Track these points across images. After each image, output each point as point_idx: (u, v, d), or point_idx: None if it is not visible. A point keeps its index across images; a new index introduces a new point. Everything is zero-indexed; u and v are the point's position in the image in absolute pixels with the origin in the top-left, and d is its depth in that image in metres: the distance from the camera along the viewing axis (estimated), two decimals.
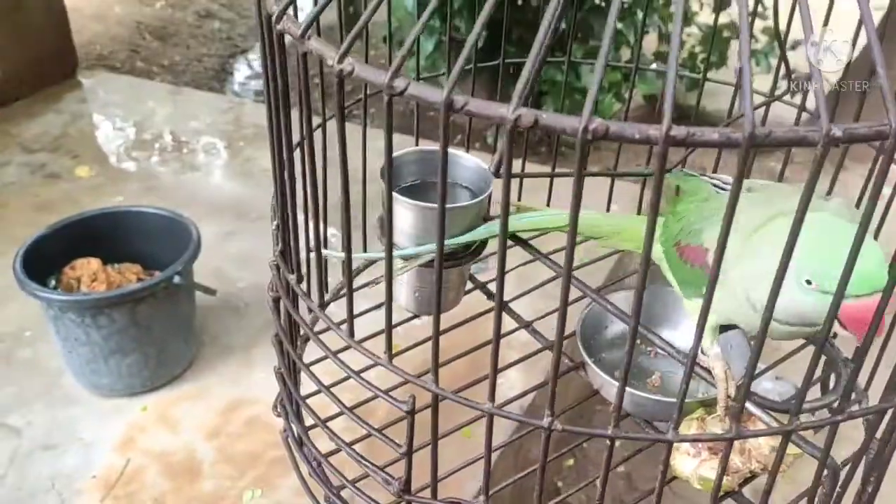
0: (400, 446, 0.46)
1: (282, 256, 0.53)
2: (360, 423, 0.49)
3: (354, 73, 0.36)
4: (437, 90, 0.34)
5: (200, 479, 1.33)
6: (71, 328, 1.38)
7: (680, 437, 0.42)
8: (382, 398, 0.46)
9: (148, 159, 2.33)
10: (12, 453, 1.36)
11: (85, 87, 2.70)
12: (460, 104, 0.33)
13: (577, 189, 0.35)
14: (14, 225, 1.94)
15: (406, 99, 0.36)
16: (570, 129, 0.32)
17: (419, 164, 0.60)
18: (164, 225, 1.55)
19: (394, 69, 0.35)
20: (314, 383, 0.52)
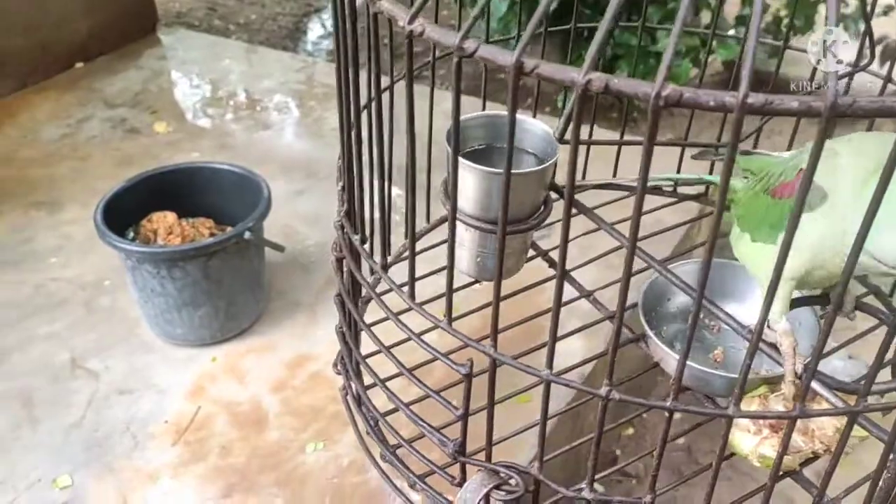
0: (457, 409, 0.47)
1: (346, 217, 0.54)
2: (418, 383, 0.50)
3: (425, 34, 0.36)
4: (508, 52, 0.34)
5: (266, 430, 1.37)
6: (147, 279, 1.44)
7: (740, 413, 0.41)
8: (442, 361, 0.46)
9: (222, 117, 2.37)
10: (91, 396, 1.43)
11: (164, 45, 2.77)
12: (530, 67, 0.33)
13: (645, 159, 0.34)
14: (96, 177, 2.02)
15: (476, 61, 0.35)
16: (641, 95, 0.31)
17: (486, 128, 0.60)
18: (236, 181, 1.59)
19: (465, 31, 0.34)
20: (374, 343, 0.53)
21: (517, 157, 0.59)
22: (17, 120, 2.28)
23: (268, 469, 1.30)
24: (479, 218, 0.56)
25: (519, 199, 0.55)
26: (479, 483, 0.48)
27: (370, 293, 0.51)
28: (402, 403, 0.52)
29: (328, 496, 1.26)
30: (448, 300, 0.45)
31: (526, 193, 0.56)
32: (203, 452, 1.33)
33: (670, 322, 0.63)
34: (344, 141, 0.52)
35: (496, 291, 0.40)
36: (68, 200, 1.94)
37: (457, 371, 0.45)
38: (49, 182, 2.01)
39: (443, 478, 0.51)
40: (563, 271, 0.38)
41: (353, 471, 1.30)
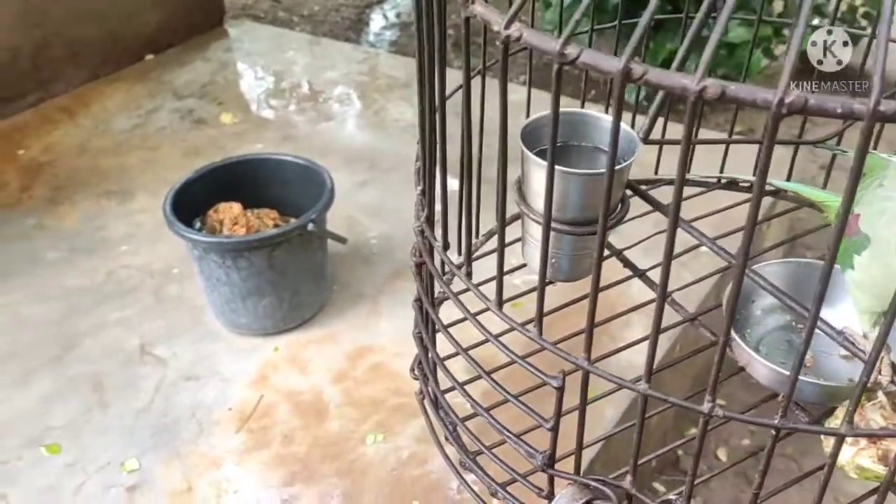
0: (546, 420, 0.46)
1: (427, 222, 0.53)
2: (504, 393, 0.48)
3: (522, 40, 0.35)
4: (613, 59, 0.32)
5: (327, 420, 1.38)
6: (213, 268, 1.46)
7: (854, 432, 0.39)
8: (533, 373, 0.45)
9: (286, 108, 2.40)
10: (159, 382, 1.46)
11: (231, 37, 2.81)
12: (638, 74, 0.31)
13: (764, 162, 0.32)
14: (165, 167, 2.06)
15: (578, 67, 0.34)
16: (761, 102, 0.29)
17: (562, 125, 0.58)
18: (300, 173, 1.60)
19: (566, 36, 0.33)
20: (453, 346, 0.52)
21: (592, 155, 0.58)
22: (90, 110, 2.34)
23: (329, 459, 1.31)
24: (554, 218, 0.54)
25: (595, 200, 0.53)
26: (571, 497, 0.47)
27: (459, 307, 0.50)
28: (483, 409, 0.51)
29: (388, 488, 1.26)
30: (539, 310, 0.44)
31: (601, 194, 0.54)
32: (266, 440, 1.35)
33: (755, 325, 0.60)
34: (424, 145, 0.51)
35: (592, 303, 0.38)
36: (138, 190, 1.99)
37: (549, 384, 0.44)
38: (120, 171, 2.07)
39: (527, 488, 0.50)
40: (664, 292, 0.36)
41: (414, 463, 1.30)
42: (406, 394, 1.42)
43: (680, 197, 0.33)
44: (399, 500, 1.25)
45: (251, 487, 1.27)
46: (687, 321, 0.58)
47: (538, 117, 0.56)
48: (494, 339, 0.46)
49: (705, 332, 0.58)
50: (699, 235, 0.51)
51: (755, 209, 0.33)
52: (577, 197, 0.54)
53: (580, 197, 0.54)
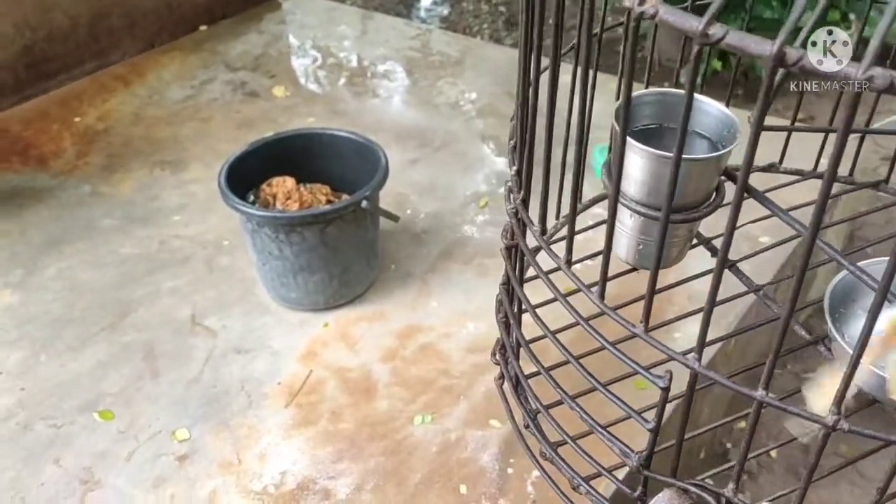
0: (647, 422, 0.44)
1: (522, 204, 0.51)
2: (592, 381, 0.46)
3: (658, 17, 0.32)
4: (766, 42, 0.30)
5: (375, 399, 1.38)
6: (266, 242, 1.46)
7: None
8: (641, 373, 0.43)
9: (337, 83, 2.39)
10: (209, 353, 1.47)
11: (284, 9, 2.80)
12: (794, 58, 0.29)
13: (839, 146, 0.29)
14: (217, 139, 2.07)
15: (724, 48, 0.31)
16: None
17: (657, 105, 0.55)
18: (354, 149, 1.59)
19: (711, 13, 0.31)
20: (541, 328, 0.50)
21: (689, 140, 0.55)
22: (145, 79, 2.36)
23: (377, 438, 1.31)
24: (644, 203, 0.52)
25: (693, 186, 0.51)
26: (668, 501, 0.45)
27: (557, 296, 0.48)
28: (570, 398, 0.49)
29: (435, 470, 1.26)
30: (647, 307, 0.42)
31: (701, 180, 0.52)
32: (314, 416, 1.35)
33: (854, 324, 0.57)
34: (521, 124, 0.49)
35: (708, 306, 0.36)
36: (191, 160, 2.00)
37: (654, 383, 0.42)
38: (173, 141, 2.08)
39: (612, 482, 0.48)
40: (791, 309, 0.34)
41: (461, 447, 1.29)
42: (454, 375, 1.41)
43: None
44: (445, 482, 1.24)
45: (300, 463, 1.28)
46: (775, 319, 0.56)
47: (635, 95, 0.54)
48: (585, 322, 0.44)
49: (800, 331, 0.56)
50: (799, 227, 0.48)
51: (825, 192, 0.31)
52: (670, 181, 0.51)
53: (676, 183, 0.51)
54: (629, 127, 0.52)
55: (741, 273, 0.57)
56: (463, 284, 1.60)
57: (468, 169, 1.96)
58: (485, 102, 2.23)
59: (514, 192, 0.52)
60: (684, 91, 0.56)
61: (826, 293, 0.54)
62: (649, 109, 0.55)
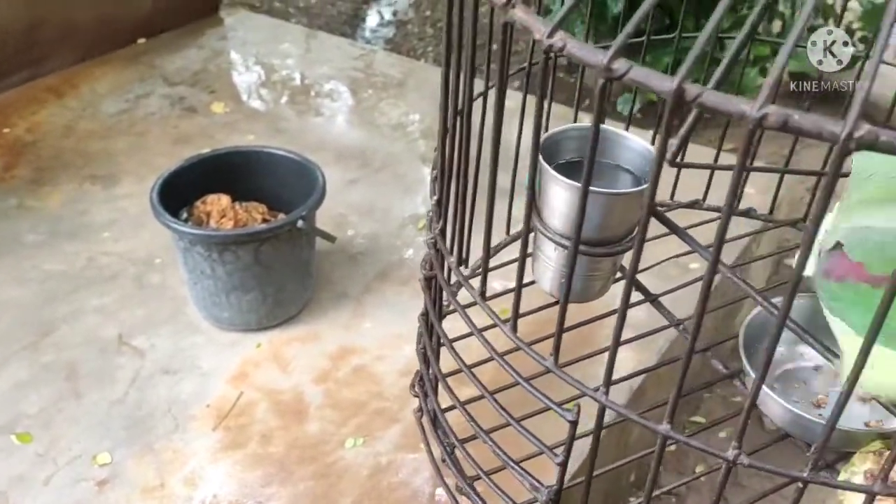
0: (557, 455, 0.44)
1: (441, 234, 0.51)
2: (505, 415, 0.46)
3: (566, 51, 0.33)
4: (666, 77, 0.30)
5: (306, 421, 1.36)
6: (198, 261, 1.43)
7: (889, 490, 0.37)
8: (550, 407, 0.43)
9: (278, 100, 2.37)
10: (135, 374, 1.43)
11: (226, 25, 2.77)
12: (692, 95, 0.29)
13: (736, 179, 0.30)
14: (152, 154, 2.02)
15: (626, 83, 0.32)
16: (827, 135, 0.28)
17: (581, 140, 0.56)
18: (292, 168, 1.58)
19: (615, 49, 0.31)
20: (457, 363, 0.50)
21: (612, 174, 0.56)
22: (78, 92, 2.30)
23: (307, 461, 1.29)
24: (567, 236, 0.52)
25: (616, 219, 0.52)
26: None
27: (473, 331, 0.48)
28: (484, 432, 0.49)
29: (365, 494, 1.24)
30: (557, 340, 0.42)
31: (624, 215, 0.53)
32: (243, 439, 1.32)
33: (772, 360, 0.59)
34: (442, 156, 0.49)
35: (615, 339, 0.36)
36: (124, 175, 1.95)
37: (563, 417, 0.42)
38: (106, 156, 2.03)
39: None
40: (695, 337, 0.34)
41: (392, 470, 1.28)
42: (387, 398, 1.40)
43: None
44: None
45: (227, 487, 1.24)
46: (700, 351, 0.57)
47: (559, 130, 0.54)
48: (500, 359, 0.44)
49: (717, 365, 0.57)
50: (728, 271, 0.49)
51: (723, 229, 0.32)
52: (595, 216, 0.52)
53: (598, 216, 0.52)
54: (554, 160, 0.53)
55: (662, 307, 0.58)
56: (399, 306, 1.59)
57: (408, 190, 1.96)
58: (427, 124, 2.24)
59: (434, 223, 0.52)
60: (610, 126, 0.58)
61: (741, 328, 0.55)
62: (574, 143, 0.56)
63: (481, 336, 0.46)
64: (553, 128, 0.56)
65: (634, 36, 0.72)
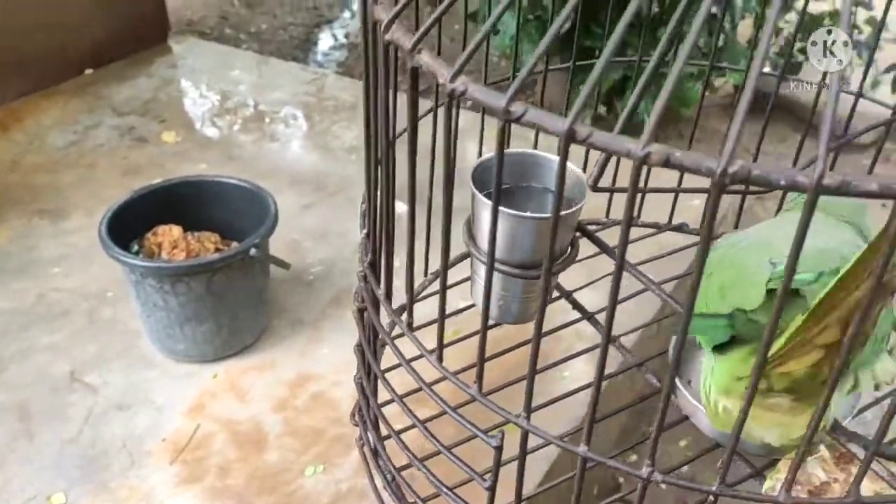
0: (485, 480, 0.45)
1: (371, 268, 0.52)
2: (434, 442, 0.47)
3: (468, 94, 0.34)
4: (559, 119, 0.32)
5: (265, 451, 1.35)
6: (150, 293, 1.42)
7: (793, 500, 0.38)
8: (476, 434, 0.44)
9: (231, 127, 2.36)
10: (88, 411, 1.41)
11: (175, 53, 2.76)
12: (583, 136, 0.31)
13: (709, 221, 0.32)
14: (102, 186, 2.00)
15: (523, 125, 0.33)
16: (705, 170, 0.29)
17: (514, 166, 0.58)
18: (244, 196, 1.57)
19: (511, 92, 0.32)
20: (390, 394, 0.51)
21: (541, 197, 0.57)
22: (23, 125, 2.27)
23: (266, 491, 1.28)
24: (502, 261, 0.54)
25: (545, 242, 0.53)
26: None
27: (401, 361, 0.49)
28: (418, 461, 0.50)
29: None
30: (479, 369, 0.43)
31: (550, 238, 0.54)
32: (200, 472, 1.31)
33: (700, 373, 0.60)
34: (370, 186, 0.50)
35: (532, 362, 0.38)
36: (73, 209, 1.92)
37: (488, 443, 0.43)
38: (54, 190, 2.00)
39: None
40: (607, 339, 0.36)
41: (353, 497, 1.27)
42: (346, 424, 1.40)
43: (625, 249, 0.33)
44: None
45: None
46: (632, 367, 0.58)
47: (489, 158, 0.56)
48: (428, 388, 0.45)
49: (651, 379, 0.58)
50: (647, 282, 0.51)
51: (701, 261, 0.33)
52: (527, 240, 0.53)
53: (530, 240, 0.53)
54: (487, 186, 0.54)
55: (598, 324, 0.59)
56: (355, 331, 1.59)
57: None
58: None
59: (364, 256, 0.53)
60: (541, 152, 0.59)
61: (672, 342, 0.57)
62: (507, 169, 0.57)
63: (409, 367, 0.47)
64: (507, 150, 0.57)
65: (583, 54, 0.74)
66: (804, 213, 0.29)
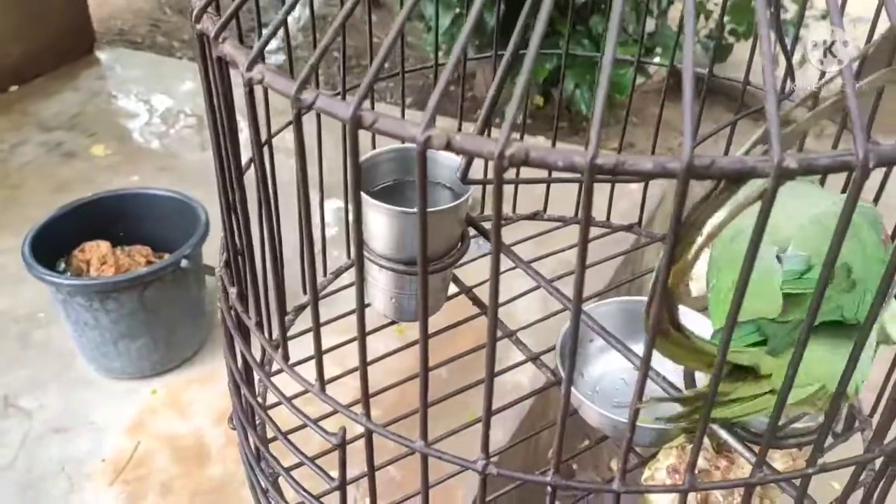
0: (333, 479, 0.45)
1: (226, 267, 0.51)
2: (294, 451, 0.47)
3: (264, 82, 0.34)
4: (344, 105, 0.31)
5: (209, 464, 1.33)
6: (80, 312, 1.38)
7: (625, 489, 0.38)
8: (312, 428, 0.44)
9: (164, 138, 2.32)
10: (24, 436, 1.37)
11: (103, 64, 2.70)
12: (368, 121, 0.30)
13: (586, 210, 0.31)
14: (30, 205, 1.94)
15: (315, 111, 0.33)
16: (486, 154, 0.29)
17: (397, 162, 0.57)
18: (174, 207, 1.54)
19: (301, 79, 0.32)
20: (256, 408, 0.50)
21: (431, 191, 0.57)
22: None
23: None
24: (391, 258, 0.53)
25: (434, 236, 0.53)
26: None
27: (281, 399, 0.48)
28: (282, 468, 0.50)
29: None
30: (318, 364, 0.43)
31: (441, 231, 0.54)
32: (142, 491, 1.28)
33: (592, 364, 0.60)
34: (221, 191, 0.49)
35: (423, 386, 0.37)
36: (0, 229, 1.87)
37: (328, 441, 0.43)
38: None
39: None
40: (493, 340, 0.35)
41: None
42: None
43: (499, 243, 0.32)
44: None
45: None
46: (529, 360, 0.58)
47: (374, 154, 0.55)
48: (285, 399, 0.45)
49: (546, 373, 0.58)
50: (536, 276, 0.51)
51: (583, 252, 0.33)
52: (413, 236, 0.53)
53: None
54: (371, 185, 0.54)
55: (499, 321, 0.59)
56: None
57: None
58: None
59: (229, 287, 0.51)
60: None
61: (559, 336, 0.57)
62: (389, 166, 0.57)
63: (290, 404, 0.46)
64: None
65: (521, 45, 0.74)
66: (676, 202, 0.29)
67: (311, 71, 0.33)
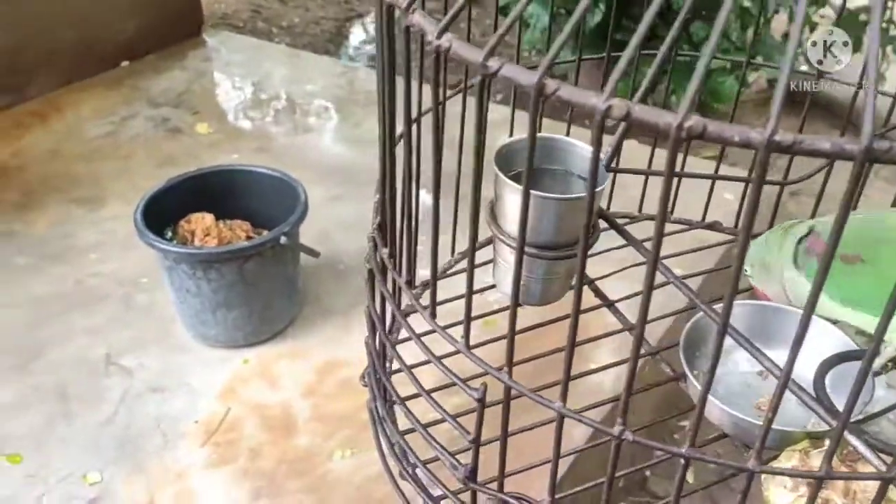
0: (469, 434, 0.46)
1: (379, 230, 0.53)
2: (434, 405, 0.49)
3: (451, 51, 0.36)
4: (530, 72, 0.33)
5: (295, 435, 1.37)
6: (183, 279, 1.45)
7: (762, 469, 0.39)
8: (459, 385, 0.46)
9: (263, 119, 2.39)
10: (124, 393, 1.44)
11: (209, 46, 2.80)
12: (551, 89, 0.32)
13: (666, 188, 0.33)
14: (138, 176, 2.04)
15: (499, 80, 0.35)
16: (663, 125, 0.30)
17: (538, 149, 0.58)
18: (274, 185, 1.60)
19: (490, 47, 0.34)
20: (397, 361, 0.52)
21: (565, 181, 0.58)
22: (63, 115, 2.32)
23: (295, 475, 1.30)
24: (528, 242, 0.55)
25: (568, 224, 0.54)
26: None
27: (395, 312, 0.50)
28: (419, 423, 0.52)
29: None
30: (466, 324, 0.45)
31: (575, 219, 0.55)
32: (232, 454, 1.34)
33: (706, 363, 0.61)
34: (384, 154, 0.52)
35: (511, 319, 0.39)
36: (110, 197, 1.97)
37: (470, 396, 0.45)
38: (92, 179, 2.04)
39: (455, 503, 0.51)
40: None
41: (382, 480, 1.29)
42: None
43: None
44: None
45: (215, 503, 1.26)
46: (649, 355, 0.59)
47: (513, 140, 0.57)
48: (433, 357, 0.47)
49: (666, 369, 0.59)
50: (672, 277, 0.52)
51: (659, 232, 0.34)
52: (551, 221, 0.54)
53: (553, 221, 0.54)
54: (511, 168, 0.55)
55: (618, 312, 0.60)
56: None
57: None
58: None
59: (380, 247, 0.54)
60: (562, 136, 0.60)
61: (683, 332, 0.57)
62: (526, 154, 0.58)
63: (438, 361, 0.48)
64: None
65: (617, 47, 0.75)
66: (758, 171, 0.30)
67: (499, 40, 0.34)
